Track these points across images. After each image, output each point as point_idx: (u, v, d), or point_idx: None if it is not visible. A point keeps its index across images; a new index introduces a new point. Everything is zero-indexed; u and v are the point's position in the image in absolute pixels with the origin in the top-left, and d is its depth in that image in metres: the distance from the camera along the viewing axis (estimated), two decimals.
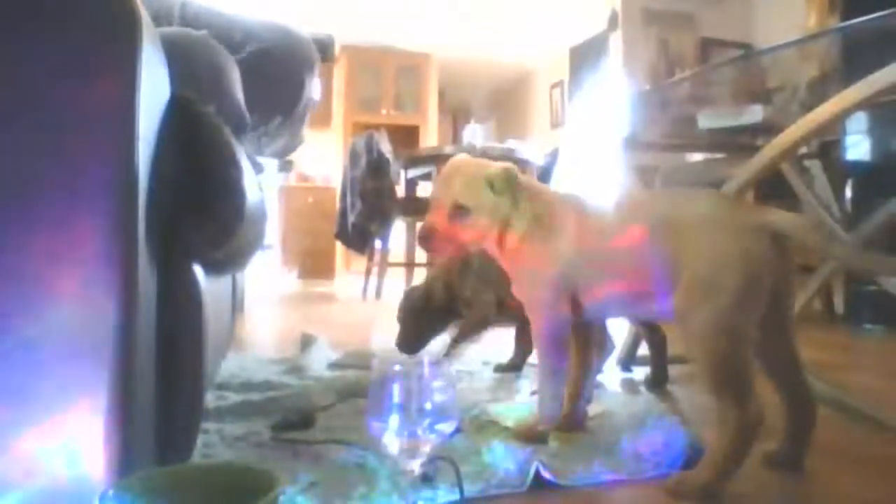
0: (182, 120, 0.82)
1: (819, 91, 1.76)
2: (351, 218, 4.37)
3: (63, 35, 0.65)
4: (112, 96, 0.65)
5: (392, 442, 0.70)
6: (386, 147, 4.32)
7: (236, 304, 1.92)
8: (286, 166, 6.20)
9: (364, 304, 4.31)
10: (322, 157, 6.99)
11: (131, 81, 0.65)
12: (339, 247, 6.20)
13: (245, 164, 0.92)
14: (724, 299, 0.94)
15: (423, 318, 1.90)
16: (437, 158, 4.07)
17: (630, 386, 1.76)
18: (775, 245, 0.97)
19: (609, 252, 1.11)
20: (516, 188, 1.19)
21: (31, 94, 0.64)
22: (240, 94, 1.25)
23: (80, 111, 0.64)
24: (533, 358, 1.76)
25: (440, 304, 1.90)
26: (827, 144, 3.40)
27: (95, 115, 0.65)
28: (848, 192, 3.23)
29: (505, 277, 1.70)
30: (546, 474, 0.97)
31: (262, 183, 1.27)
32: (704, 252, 0.98)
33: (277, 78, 1.34)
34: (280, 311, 3.81)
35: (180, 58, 0.88)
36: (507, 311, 1.83)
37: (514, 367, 1.87)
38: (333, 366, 1.87)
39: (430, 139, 7.00)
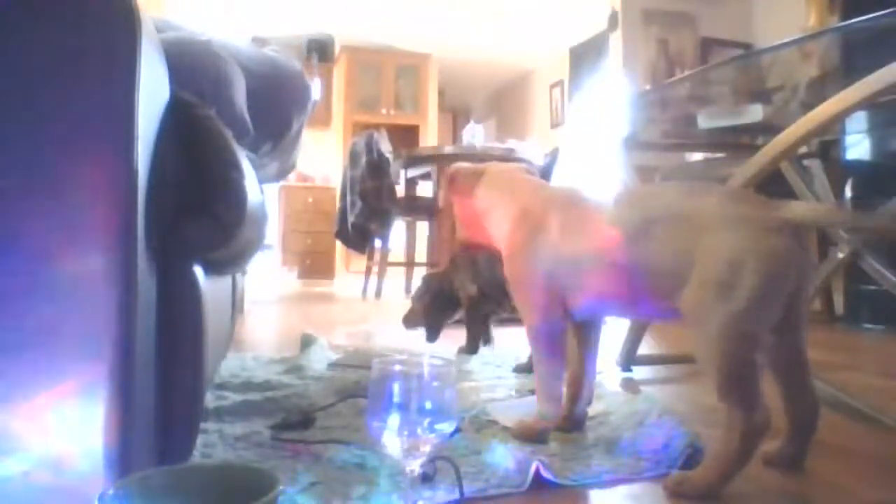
0: (183, 122, 0.82)
1: (819, 91, 1.76)
2: (351, 218, 4.37)
3: (62, 34, 0.65)
4: (112, 96, 0.65)
5: (392, 442, 0.70)
6: (386, 147, 4.32)
7: (236, 304, 1.92)
8: None
9: (364, 303, 4.31)
10: (322, 157, 7.00)
11: (131, 81, 0.65)
12: (339, 247, 6.20)
13: (246, 166, 0.92)
14: (740, 301, 0.90)
15: (425, 298, 2.14)
16: (436, 158, 4.07)
17: (630, 386, 1.76)
18: (796, 242, 0.92)
19: (603, 251, 1.06)
20: (473, 183, 1.26)
21: (31, 94, 0.64)
22: (242, 101, 1.25)
23: (79, 110, 0.64)
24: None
25: (438, 290, 2.14)
26: (827, 144, 3.40)
27: (95, 114, 0.65)
28: (848, 192, 3.23)
29: (488, 272, 1.98)
30: (546, 474, 0.97)
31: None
32: (720, 250, 0.93)
33: (263, 114, 1.34)
34: (280, 311, 3.81)
35: (182, 62, 0.88)
36: (490, 301, 2.08)
37: (470, 350, 2.11)
38: (333, 366, 1.87)
39: (429, 139, 7.00)
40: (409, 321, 2.19)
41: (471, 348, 2.14)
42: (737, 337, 0.92)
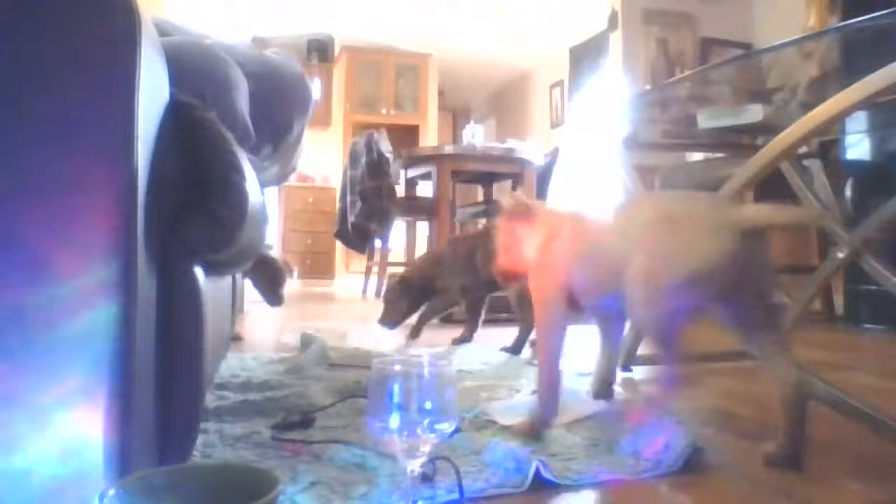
0: (183, 123, 0.82)
1: (819, 91, 1.76)
2: (351, 217, 4.37)
3: (62, 34, 0.65)
4: (111, 96, 0.65)
5: (392, 442, 0.70)
6: (386, 147, 4.32)
7: (236, 304, 1.92)
8: None
9: (364, 303, 4.31)
10: (322, 157, 7.00)
11: (131, 81, 0.65)
12: (339, 247, 6.21)
13: (247, 168, 0.92)
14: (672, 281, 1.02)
15: (404, 299, 2.43)
16: (436, 158, 4.07)
17: (630, 386, 1.76)
18: (748, 242, 1.00)
19: (596, 263, 1.22)
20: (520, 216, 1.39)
21: (31, 94, 0.64)
22: (245, 105, 1.26)
23: (79, 110, 0.64)
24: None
25: (417, 289, 2.42)
26: (827, 144, 3.39)
27: (95, 114, 0.65)
28: (848, 192, 3.22)
29: (469, 269, 2.35)
30: (546, 474, 0.97)
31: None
32: (655, 248, 1.06)
33: (264, 117, 1.35)
34: (280, 310, 3.80)
35: (185, 65, 0.88)
36: (470, 294, 2.40)
37: (464, 339, 2.40)
38: (333, 366, 1.87)
39: (429, 139, 7.00)
40: (387, 321, 2.44)
41: (470, 331, 2.40)
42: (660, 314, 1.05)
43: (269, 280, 2.52)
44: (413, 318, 2.52)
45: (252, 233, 0.93)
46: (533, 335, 2.10)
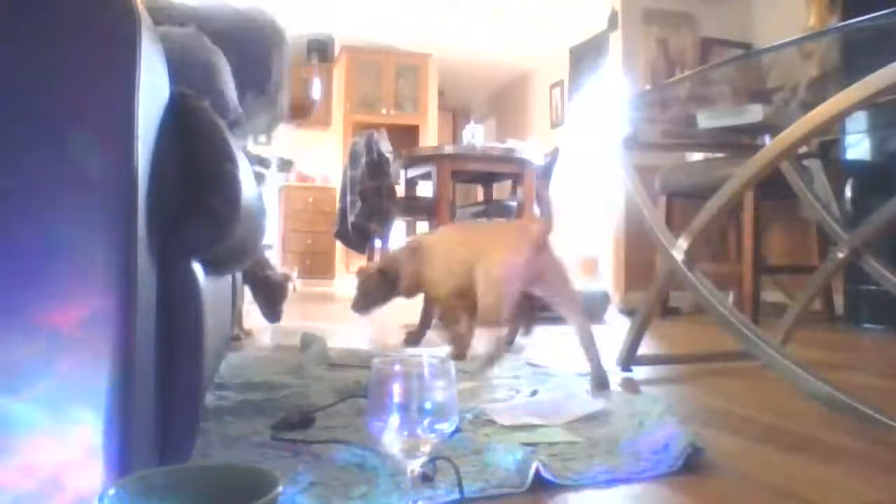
0: (178, 114, 0.82)
1: (819, 91, 1.76)
2: (351, 217, 4.37)
3: (62, 34, 0.64)
4: (112, 96, 0.65)
5: (392, 442, 0.70)
6: (386, 147, 4.32)
7: (237, 304, 1.92)
8: (286, 166, 6.19)
9: None
10: (322, 157, 6.99)
11: (131, 81, 0.65)
12: (339, 247, 6.20)
13: (241, 158, 0.92)
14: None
15: (377, 287, 2.41)
16: (436, 158, 4.07)
17: (630, 386, 1.76)
18: (534, 246, 1.68)
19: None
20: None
21: (31, 94, 0.64)
22: (233, 92, 1.26)
23: (79, 110, 0.64)
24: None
25: (392, 279, 2.38)
26: (827, 144, 3.40)
27: (95, 114, 0.65)
28: (848, 192, 3.22)
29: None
30: (546, 474, 0.97)
31: (261, 176, 1.28)
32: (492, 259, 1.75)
33: (243, 68, 1.36)
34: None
35: (174, 55, 0.88)
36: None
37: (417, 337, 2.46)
38: (333, 366, 1.87)
39: (429, 139, 6.99)
40: (361, 306, 2.45)
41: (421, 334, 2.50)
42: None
43: (269, 296, 2.52)
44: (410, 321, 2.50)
45: (249, 225, 0.93)
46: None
